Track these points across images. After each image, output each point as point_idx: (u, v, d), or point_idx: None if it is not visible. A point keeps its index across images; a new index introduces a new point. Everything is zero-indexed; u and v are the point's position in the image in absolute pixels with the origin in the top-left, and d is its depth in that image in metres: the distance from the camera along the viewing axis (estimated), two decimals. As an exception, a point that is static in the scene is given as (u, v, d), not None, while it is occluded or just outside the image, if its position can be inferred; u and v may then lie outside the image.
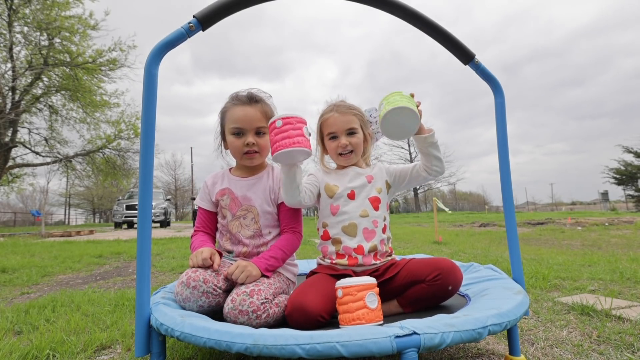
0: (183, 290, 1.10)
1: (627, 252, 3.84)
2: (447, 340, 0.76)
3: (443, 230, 8.70)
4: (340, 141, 1.37)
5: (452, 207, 48.58)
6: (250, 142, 1.31)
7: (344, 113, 1.37)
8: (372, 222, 1.33)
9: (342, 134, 1.37)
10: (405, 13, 1.06)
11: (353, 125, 1.37)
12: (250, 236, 1.34)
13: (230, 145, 1.35)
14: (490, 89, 1.19)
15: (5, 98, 11.72)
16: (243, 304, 1.05)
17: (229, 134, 1.33)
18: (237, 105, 1.32)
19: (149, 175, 0.93)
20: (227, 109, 1.35)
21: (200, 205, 1.43)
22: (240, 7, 0.99)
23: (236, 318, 1.05)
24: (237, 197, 1.36)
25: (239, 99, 1.34)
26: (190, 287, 1.10)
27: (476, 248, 4.48)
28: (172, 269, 3.13)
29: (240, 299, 1.06)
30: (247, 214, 1.35)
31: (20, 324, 1.56)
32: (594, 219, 9.28)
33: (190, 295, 1.10)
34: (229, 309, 1.07)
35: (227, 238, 1.38)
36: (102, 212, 43.70)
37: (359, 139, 1.39)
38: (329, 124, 1.39)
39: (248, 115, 1.30)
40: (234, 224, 1.35)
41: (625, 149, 22.03)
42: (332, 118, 1.38)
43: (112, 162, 14.94)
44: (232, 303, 1.07)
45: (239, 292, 1.09)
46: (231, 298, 1.09)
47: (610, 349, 1.14)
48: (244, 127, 1.31)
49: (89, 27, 12.42)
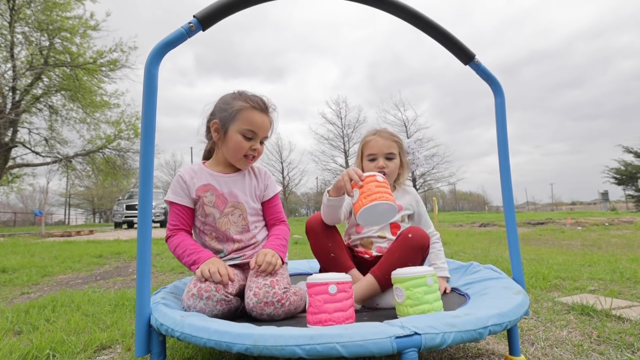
0: (196, 303, 1.07)
1: (627, 252, 3.84)
2: (448, 340, 0.76)
3: (443, 230, 8.70)
4: (378, 163, 1.48)
5: (452, 207, 48.57)
6: (257, 148, 1.33)
7: (386, 138, 1.51)
8: (387, 244, 1.44)
9: (381, 157, 1.49)
10: (406, 13, 1.06)
11: (392, 150, 1.50)
12: (239, 232, 1.34)
13: (235, 144, 1.30)
14: (491, 89, 1.19)
15: (5, 98, 11.72)
16: (267, 296, 1.10)
17: (238, 133, 1.30)
18: (256, 110, 1.31)
19: (149, 175, 0.92)
20: (243, 109, 1.29)
21: (176, 202, 1.30)
22: (240, 7, 0.99)
23: (262, 310, 1.10)
24: (222, 193, 1.33)
25: (258, 104, 1.32)
26: (204, 298, 1.07)
27: (476, 248, 4.48)
28: (172, 269, 3.13)
29: (263, 292, 1.10)
30: (235, 210, 1.34)
31: (20, 324, 1.56)
32: (594, 219, 9.28)
33: (205, 306, 1.07)
34: (254, 303, 1.10)
35: (214, 237, 1.33)
36: (102, 212, 43.71)
37: (395, 165, 1.51)
38: (371, 146, 1.51)
39: (265, 124, 1.33)
40: (222, 222, 1.32)
41: (625, 149, 22.04)
42: (374, 141, 1.51)
43: (112, 162, 14.95)
44: (255, 297, 1.10)
45: (259, 286, 1.12)
46: (253, 292, 1.11)
47: (610, 349, 1.14)
48: (257, 133, 1.32)
49: (90, 27, 12.45)
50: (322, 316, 0.93)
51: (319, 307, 0.94)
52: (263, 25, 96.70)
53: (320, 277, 0.97)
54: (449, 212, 30.11)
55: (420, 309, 0.96)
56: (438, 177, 34.41)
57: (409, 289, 0.98)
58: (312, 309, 0.95)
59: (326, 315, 0.93)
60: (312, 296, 0.96)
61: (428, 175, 34.29)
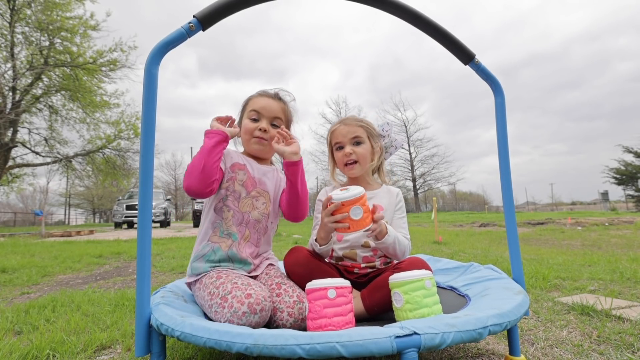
0: (251, 319, 1.00)
1: (627, 252, 3.84)
2: (448, 340, 0.76)
3: (443, 230, 8.70)
4: (345, 150, 1.40)
5: (452, 207, 48.56)
6: (263, 127, 1.33)
7: (350, 124, 1.43)
8: (372, 251, 1.38)
9: (347, 144, 1.41)
10: (406, 13, 1.06)
11: (358, 134, 1.41)
12: (257, 219, 1.32)
13: (244, 129, 1.35)
14: (491, 88, 1.19)
15: (5, 98, 11.72)
16: (302, 312, 1.10)
17: (246, 119, 1.36)
18: (262, 96, 1.38)
19: (149, 175, 0.92)
20: (251, 98, 1.39)
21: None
22: (240, 7, 0.99)
23: (299, 326, 1.09)
24: (253, 177, 1.34)
25: (265, 92, 1.39)
26: (258, 312, 1.01)
27: (476, 248, 4.48)
28: (172, 269, 3.13)
29: (297, 309, 1.10)
30: (260, 197, 1.34)
31: (20, 324, 1.56)
32: (594, 219, 9.28)
33: (260, 319, 1.01)
34: (292, 322, 1.09)
35: (232, 216, 1.28)
36: (102, 212, 43.69)
37: (365, 150, 1.41)
38: (336, 135, 1.45)
39: (270, 105, 1.35)
40: (246, 202, 1.30)
41: (625, 149, 22.02)
42: (338, 130, 1.44)
43: (112, 162, 14.95)
44: (291, 317, 1.09)
45: (290, 305, 1.11)
46: (287, 313, 1.09)
47: (610, 349, 1.14)
48: (263, 114, 1.34)
49: (90, 27, 12.46)
50: (322, 321, 0.93)
51: (319, 312, 0.94)
52: (265, 27, 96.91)
53: (319, 283, 0.97)
54: (449, 212, 30.10)
55: (419, 313, 0.95)
56: (438, 177, 34.52)
57: (407, 293, 0.98)
58: (312, 315, 0.95)
59: (326, 320, 0.93)
60: (311, 302, 0.96)
61: (428, 175, 34.34)
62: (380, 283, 1.17)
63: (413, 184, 34.09)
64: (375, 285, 1.19)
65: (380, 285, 1.15)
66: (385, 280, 1.10)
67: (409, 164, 34.05)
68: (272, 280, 1.23)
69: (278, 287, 1.18)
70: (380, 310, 1.16)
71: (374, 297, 1.17)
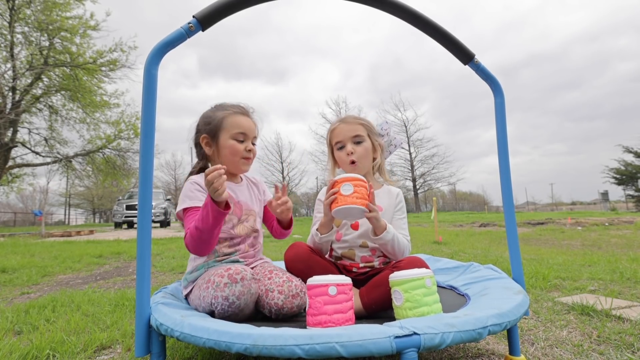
0: (233, 289, 1.05)
1: (627, 252, 3.84)
2: (448, 340, 0.76)
3: (443, 230, 8.70)
4: (346, 149, 1.41)
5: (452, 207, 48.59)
6: (250, 148, 1.37)
7: (350, 123, 1.44)
8: (370, 251, 1.38)
9: (348, 142, 1.41)
10: (406, 13, 1.06)
11: (359, 132, 1.42)
12: (251, 237, 1.39)
13: (230, 149, 1.33)
14: (490, 88, 1.19)
15: (5, 98, 11.73)
16: (291, 289, 1.15)
17: (230, 139, 1.33)
18: (239, 114, 1.37)
19: (149, 175, 0.93)
20: (227, 116, 1.35)
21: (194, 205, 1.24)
22: (240, 7, 0.99)
23: (292, 304, 1.14)
24: (238, 201, 1.38)
25: (238, 109, 1.39)
26: (239, 280, 1.07)
27: (476, 248, 4.48)
28: (172, 269, 3.13)
29: (287, 287, 1.15)
30: (249, 217, 1.40)
31: (20, 324, 1.56)
32: (594, 219, 9.27)
33: (243, 288, 1.07)
34: (283, 299, 1.14)
35: (226, 243, 1.33)
36: (102, 212, 43.71)
37: (365, 148, 1.42)
38: (336, 134, 1.45)
39: (250, 125, 1.38)
40: (240, 228, 1.36)
41: (625, 148, 22.01)
42: (338, 128, 1.44)
43: (112, 162, 14.95)
44: (282, 294, 1.14)
45: (279, 283, 1.17)
46: (278, 291, 1.15)
47: (610, 349, 1.14)
48: (247, 134, 1.36)
49: (90, 27, 12.45)
50: (322, 317, 0.93)
51: (319, 309, 0.94)
52: (265, 28, 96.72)
53: (320, 279, 0.97)
54: (449, 212, 30.10)
55: (419, 312, 0.96)
56: (438, 177, 34.51)
57: (407, 291, 0.98)
58: (312, 311, 0.95)
59: (326, 316, 0.93)
60: (312, 298, 0.96)
61: (428, 175, 34.34)
62: (379, 281, 1.17)
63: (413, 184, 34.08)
64: (373, 284, 1.19)
65: (379, 283, 1.16)
66: (384, 279, 1.10)
67: (409, 164, 34.04)
68: (265, 269, 1.29)
69: (270, 273, 1.24)
70: (378, 308, 1.17)
71: (372, 295, 1.17)
